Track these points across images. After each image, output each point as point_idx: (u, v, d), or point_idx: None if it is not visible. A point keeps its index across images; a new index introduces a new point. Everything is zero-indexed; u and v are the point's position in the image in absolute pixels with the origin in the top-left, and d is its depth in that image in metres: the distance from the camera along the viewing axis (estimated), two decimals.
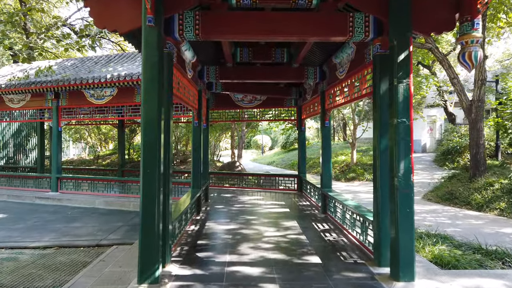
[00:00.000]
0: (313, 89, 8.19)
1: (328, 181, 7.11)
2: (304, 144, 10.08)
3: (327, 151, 7.10)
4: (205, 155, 8.51)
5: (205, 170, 8.53)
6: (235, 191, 10.46)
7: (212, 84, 8.63)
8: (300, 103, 9.91)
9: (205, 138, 8.53)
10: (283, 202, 8.52)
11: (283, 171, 22.14)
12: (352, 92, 5.35)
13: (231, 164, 13.52)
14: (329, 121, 7.07)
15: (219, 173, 11.61)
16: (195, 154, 7.04)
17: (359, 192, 13.15)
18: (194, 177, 7.06)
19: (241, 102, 10.64)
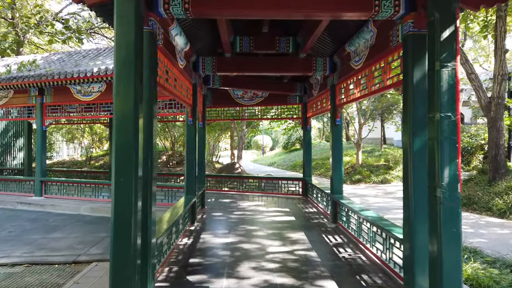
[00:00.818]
0: (320, 83, 7.40)
1: (339, 186, 6.31)
2: (309, 144, 9.28)
3: (338, 153, 6.31)
4: (201, 157, 7.72)
5: (201, 173, 7.73)
6: (235, 195, 9.66)
7: (209, 78, 7.84)
8: (306, 100, 9.12)
9: (201, 138, 7.74)
10: (287, 208, 7.72)
11: (285, 173, 21.34)
12: (372, 84, 4.55)
13: (230, 165, 12.73)
14: (341, 118, 6.27)
15: (217, 176, 10.81)
16: (190, 156, 6.24)
17: (366, 196, 12.35)
18: (188, 182, 6.26)
19: (241, 99, 9.85)
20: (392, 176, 15.36)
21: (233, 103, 9.93)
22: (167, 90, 4.34)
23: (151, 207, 3.29)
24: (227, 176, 10.66)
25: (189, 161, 6.25)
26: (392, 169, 15.85)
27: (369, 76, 4.65)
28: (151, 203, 3.28)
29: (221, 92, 10.00)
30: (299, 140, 28.94)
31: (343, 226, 5.87)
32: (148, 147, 3.24)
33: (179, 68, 5.03)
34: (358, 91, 5.11)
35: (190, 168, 6.25)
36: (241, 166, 13.04)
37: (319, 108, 7.87)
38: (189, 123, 6.22)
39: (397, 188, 13.72)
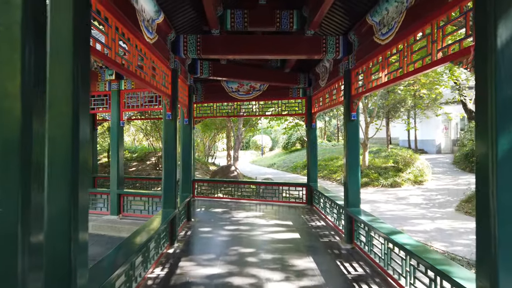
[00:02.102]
0: (330, 71, 6.14)
1: (356, 197, 5.06)
2: (315, 144, 8.02)
3: (354, 155, 5.05)
4: (186, 159, 6.46)
5: (186, 179, 6.47)
6: (229, 203, 8.40)
7: (196, 66, 6.58)
8: (310, 93, 7.86)
9: (186, 137, 6.48)
10: (290, 221, 6.45)
11: (285, 175, 20.08)
12: (409, 61, 3.30)
13: (225, 168, 11.47)
14: (357, 113, 5.01)
15: (209, 180, 9.54)
16: (168, 160, 4.97)
17: (377, 202, 11.08)
18: (167, 192, 4.99)
19: (236, 93, 8.59)
20: (402, 179, 14.11)
21: (227, 98, 8.67)
22: (121, 69, 3.07)
23: (78, 232, 1.99)
24: (221, 181, 9.40)
25: (168, 166, 4.98)
26: (402, 171, 14.59)
27: (405, 51, 3.39)
28: (78, 227, 1.99)
29: (213, 85, 8.75)
30: (300, 140, 27.69)
31: (362, 249, 4.62)
32: (73, 143, 1.97)
33: (148, 45, 3.77)
34: (386, 74, 3.85)
35: (169, 175, 4.98)
36: (237, 169, 11.78)
37: (327, 101, 6.61)
38: (167, 119, 4.95)
39: (409, 193, 12.47)
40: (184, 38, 5.03)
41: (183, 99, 6.00)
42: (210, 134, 19.64)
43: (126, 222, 6.64)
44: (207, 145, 20.16)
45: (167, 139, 4.99)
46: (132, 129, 20.47)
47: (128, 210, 6.97)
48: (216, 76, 6.86)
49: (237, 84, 8.55)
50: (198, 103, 8.99)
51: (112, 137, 6.98)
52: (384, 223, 4.22)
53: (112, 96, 6.98)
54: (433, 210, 9.75)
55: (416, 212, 9.44)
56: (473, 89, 20.72)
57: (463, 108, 20.04)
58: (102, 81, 7.15)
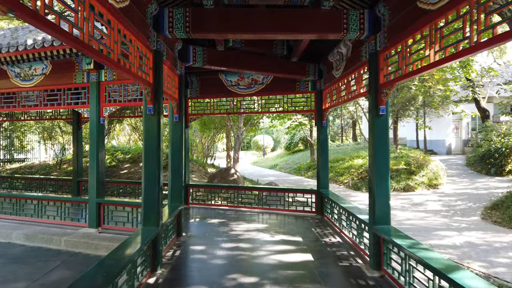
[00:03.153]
0: (347, 58, 5.13)
1: (386, 213, 4.03)
2: (325, 145, 7.00)
3: (382, 157, 4.03)
4: (177, 162, 5.45)
5: (176, 186, 5.46)
6: (227, 213, 7.38)
7: (188, 52, 5.58)
8: (321, 86, 6.84)
9: (177, 137, 5.47)
10: (299, 237, 5.44)
11: (289, 177, 19.05)
12: (484, 26, 2.28)
13: (224, 171, 10.46)
14: (387, 105, 3.99)
15: (205, 185, 8.52)
16: (149, 165, 3.95)
17: (392, 209, 10.02)
18: (147, 206, 3.98)
19: (236, 87, 7.59)
20: (415, 183, 13.07)
21: (225, 93, 7.67)
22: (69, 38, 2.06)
23: None
24: (219, 186, 8.38)
25: (148, 172, 3.97)
26: (414, 174, 13.55)
27: (473, 14, 2.38)
28: None
29: (210, 78, 7.76)
30: (303, 140, 26.67)
31: (396, 280, 3.60)
32: None
33: (112, 9, 2.76)
34: (438, 50, 2.84)
35: (150, 184, 3.97)
36: (237, 172, 10.76)
37: (343, 95, 5.60)
38: (148, 113, 3.94)
39: (424, 198, 11.43)
40: (169, 12, 4.02)
41: (171, 91, 5.00)
42: (209, 134, 18.62)
43: (106, 236, 5.63)
44: (206, 145, 19.14)
45: (147, 139, 3.98)
46: (127, 129, 19.48)
47: (109, 222, 5.96)
48: (212, 65, 5.85)
49: (237, 77, 7.55)
50: (193, 98, 7.99)
51: (91, 136, 5.98)
52: (431, 251, 3.19)
53: (90, 88, 5.98)
54: (456, 218, 8.71)
55: (438, 222, 8.41)
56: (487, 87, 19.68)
57: (476, 106, 18.99)
58: (80, 71, 6.15)
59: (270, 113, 9.53)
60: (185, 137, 8.06)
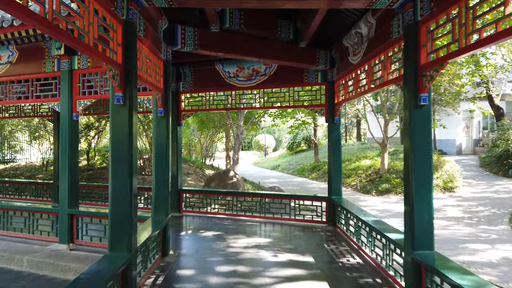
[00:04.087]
0: (369, 38, 4.20)
1: (429, 234, 3.09)
2: (338, 145, 6.06)
3: (423, 160, 3.09)
4: (160, 165, 4.51)
5: (161, 193, 4.53)
6: (225, 222, 6.45)
7: (176, 33, 4.65)
8: (333, 76, 5.89)
9: (161, 136, 4.53)
10: (310, 256, 4.49)
11: (291, 178, 18.11)
12: None
13: (222, 174, 9.51)
14: (429, 93, 3.04)
15: (200, 191, 7.57)
16: (118, 170, 3.01)
17: None
18: (116, 225, 3.04)
19: (234, 79, 6.65)
20: None
21: (223, 86, 6.73)
22: None
23: None
24: (215, 192, 7.43)
25: (118, 178, 3.03)
26: None
27: None
28: None
29: (205, 69, 6.83)
30: (306, 139, 25.71)
31: None
32: None
33: None
34: None
35: (120, 195, 3.03)
36: (236, 174, 9.81)
37: (362, 84, 4.65)
38: (116, 103, 2.99)
39: (441, 203, 10.47)
40: None
41: (154, 79, 4.06)
42: (208, 133, 17.69)
43: (78, 256, 4.70)
44: (205, 145, 18.20)
45: (115, 136, 3.04)
46: None
47: (84, 236, 5.02)
48: (205, 50, 4.91)
49: (236, 67, 6.61)
50: (186, 92, 7.06)
51: (62, 135, 5.04)
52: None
53: (61, 78, 5.04)
54: (483, 227, 7.75)
55: (463, 231, 7.45)
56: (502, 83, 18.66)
57: (490, 104, 17.99)
58: (50, 58, 5.22)
59: (274, 109, 8.57)
60: (178, 136, 7.14)
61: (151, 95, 4.78)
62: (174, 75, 6.97)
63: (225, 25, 4.87)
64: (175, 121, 7.09)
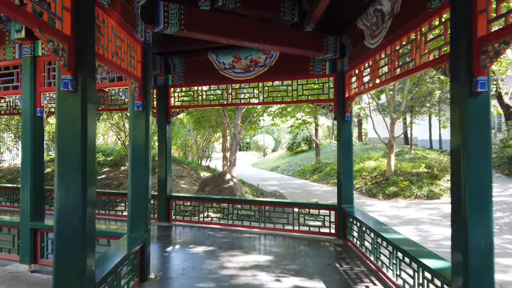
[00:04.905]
0: (393, 15, 3.41)
1: (487, 264, 2.29)
2: (349, 146, 5.26)
3: (481, 164, 2.30)
4: (136, 169, 3.70)
5: (138, 206, 3.73)
6: (219, 234, 5.65)
7: (158, 11, 3.86)
8: (343, 66, 5.11)
9: (139, 135, 3.72)
10: (320, 281, 3.70)
11: (292, 180, 17.31)
12: None
13: (218, 177, 8.71)
14: (488, 77, 2.25)
15: (191, 198, 6.75)
16: (66, 178, 2.22)
17: (419, 222, 8.32)
18: (63, 249, 2.24)
19: (230, 70, 5.85)
20: (440, 189, 11.33)
21: (217, 78, 5.94)
22: None
23: None
24: (209, 199, 6.61)
25: (65, 184, 2.23)
26: (438, 178, 11.82)
27: None
28: None
29: (197, 60, 6.05)
30: (306, 139, 24.92)
31: None
32: None
33: None
34: None
35: (71, 208, 2.23)
36: (233, 178, 9.01)
37: (383, 72, 3.87)
38: (63, 89, 2.19)
39: None
40: None
41: (128, 64, 3.26)
42: (204, 133, 16.88)
43: (40, 279, 3.89)
44: (201, 145, 17.39)
45: (61, 130, 2.25)
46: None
47: (49, 255, 4.22)
48: (192, 32, 4.11)
49: (232, 57, 5.81)
50: (176, 86, 6.27)
51: (24, 133, 4.24)
52: None
53: (23, 66, 4.24)
54: (508, 237, 6.98)
55: None
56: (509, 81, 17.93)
57: (499, 102, 17.20)
58: (10, 43, 4.42)
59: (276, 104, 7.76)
60: (167, 136, 6.35)
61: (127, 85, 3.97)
62: (162, 66, 6.18)
63: (218, 3, 4.07)
64: (164, 119, 6.30)
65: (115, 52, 2.97)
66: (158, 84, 6.30)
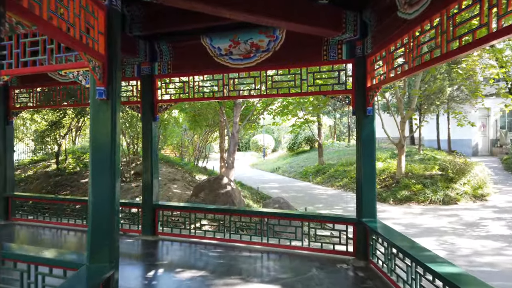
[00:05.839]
0: None
1: None
2: (370, 146, 4.33)
3: None
4: (100, 176, 2.76)
5: (105, 225, 2.78)
6: (213, 253, 4.72)
7: None
8: (365, 49, 4.17)
9: (101, 130, 2.77)
10: None
11: (294, 183, 16.38)
12: None
13: (214, 181, 7.77)
14: None
15: (181, 208, 5.81)
16: None
17: (441, 233, 7.40)
18: None
19: (226, 57, 4.92)
20: (457, 193, 10.41)
21: (211, 66, 5.01)
22: None
23: None
24: (201, 210, 5.66)
25: None
26: (453, 181, 10.90)
27: None
28: None
29: (188, 45, 5.14)
30: (308, 139, 23.98)
31: None
32: None
33: None
34: None
35: None
36: (231, 182, 8.07)
37: (425, 50, 2.94)
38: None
39: (476, 214, 8.79)
40: None
41: (83, 34, 2.33)
42: (201, 132, 15.94)
43: None
44: (198, 146, 16.45)
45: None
46: None
47: None
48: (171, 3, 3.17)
49: (229, 41, 4.88)
50: (163, 76, 5.35)
51: None
52: None
53: None
54: None
55: None
56: None
57: None
58: None
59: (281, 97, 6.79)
60: (152, 135, 5.42)
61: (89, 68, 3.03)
62: (147, 53, 5.25)
63: None
64: (149, 115, 5.37)
65: (54, 11, 2.04)
66: (143, 74, 5.37)
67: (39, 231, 5.90)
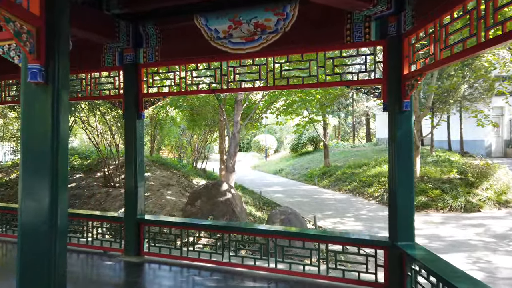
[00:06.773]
0: None
1: None
2: (406, 147, 3.40)
3: None
4: (34, 189, 1.86)
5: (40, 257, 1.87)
6: (209, 281, 3.84)
7: None
8: (402, 26, 3.25)
9: (34, 122, 1.87)
10: None
11: (298, 186, 15.47)
12: None
13: (212, 188, 6.87)
14: None
15: (170, 224, 4.89)
16: None
17: (474, 248, 6.50)
18: None
19: (226, 40, 4.02)
20: (479, 199, 9.49)
21: (207, 52, 4.12)
22: None
23: None
24: (194, 226, 4.74)
25: None
26: (475, 186, 9.97)
27: None
28: None
29: (179, 28, 4.31)
30: (313, 140, 23.05)
31: None
32: None
33: None
34: None
35: None
36: (231, 188, 7.17)
37: None
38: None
39: (506, 224, 7.88)
40: None
41: None
42: (200, 132, 15.05)
43: None
44: (197, 147, 15.56)
45: None
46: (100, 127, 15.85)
47: None
48: None
49: (228, 21, 3.97)
50: (150, 65, 4.46)
51: None
52: None
53: None
54: None
55: None
56: None
57: None
58: None
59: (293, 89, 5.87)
60: (137, 135, 4.54)
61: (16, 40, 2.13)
62: (129, 37, 4.37)
63: None
64: (133, 111, 4.48)
65: None
66: (125, 63, 4.47)
67: None
